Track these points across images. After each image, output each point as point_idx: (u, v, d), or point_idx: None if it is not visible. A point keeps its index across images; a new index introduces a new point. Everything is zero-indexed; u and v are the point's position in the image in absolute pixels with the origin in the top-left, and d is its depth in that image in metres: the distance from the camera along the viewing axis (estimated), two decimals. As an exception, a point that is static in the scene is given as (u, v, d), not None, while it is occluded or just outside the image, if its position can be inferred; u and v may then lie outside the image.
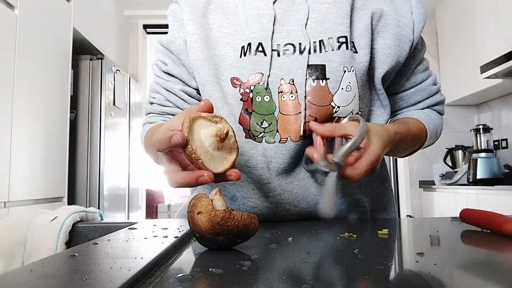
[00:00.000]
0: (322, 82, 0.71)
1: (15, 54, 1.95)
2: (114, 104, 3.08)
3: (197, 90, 0.81)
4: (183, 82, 0.81)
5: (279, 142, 0.72)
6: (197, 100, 0.82)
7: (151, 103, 0.84)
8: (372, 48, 0.75)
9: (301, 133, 0.71)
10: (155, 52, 0.85)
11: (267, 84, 0.71)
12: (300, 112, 0.71)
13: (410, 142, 0.80)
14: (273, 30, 0.73)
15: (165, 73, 0.82)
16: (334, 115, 0.71)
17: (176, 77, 0.81)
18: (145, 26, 4.22)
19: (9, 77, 1.90)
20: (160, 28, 4.20)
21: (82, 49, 2.99)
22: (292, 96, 0.71)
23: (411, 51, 0.78)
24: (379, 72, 0.76)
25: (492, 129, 3.32)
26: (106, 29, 3.40)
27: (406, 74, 0.83)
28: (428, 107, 0.87)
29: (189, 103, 0.81)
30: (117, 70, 3.15)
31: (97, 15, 3.21)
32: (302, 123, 0.70)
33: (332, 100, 0.71)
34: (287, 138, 0.72)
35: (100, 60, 2.91)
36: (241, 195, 0.78)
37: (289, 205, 0.76)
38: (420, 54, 0.83)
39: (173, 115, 0.82)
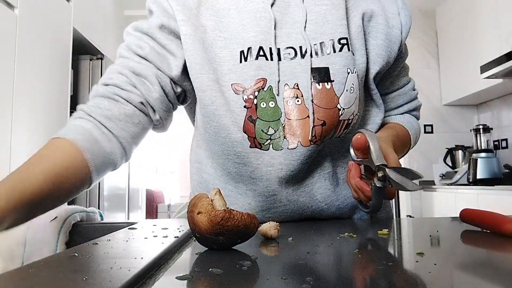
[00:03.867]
0: (328, 84, 0.70)
1: (15, 54, 1.95)
2: (114, 104, 3.08)
3: (172, 81, 0.73)
4: (159, 69, 0.72)
5: (288, 148, 0.70)
6: (166, 92, 0.73)
7: (106, 85, 0.71)
8: (366, 49, 0.75)
9: (310, 138, 0.69)
10: (125, 36, 0.75)
11: (278, 89, 0.69)
12: (308, 117, 0.69)
13: (400, 145, 0.81)
14: (275, 34, 0.71)
15: (139, 56, 0.72)
16: (340, 118, 0.71)
17: (151, 63, 0.72)
18: (145, 26, 4.21)
19: (9, 77, 1.90)
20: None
21: (82, 49, 2.98)
22: (298, 101, 0.69)
23: (399, 53, 0.79)
24: (371, 73, 0.76)
25: (492, 129, 3.32)
26: (106, 29, 3.40)
27: (391, 76, 0.83)
28: (407, 112, 0.89)
29: (155, 90, 0.71)
30: (117, 70, 3.14)
31: (97, 15, 3.21)
32: (311, 128, 0.69)
33: (338, 102, 0.70)
34: (297, 143, 0.70)
35: (100, 60, 2.91)
36: (241, 201, 0.76)
37: (294, 213, 0.75)
38: (404, 57, 0.84)
39: (127, 101, 0.70)
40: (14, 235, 0.72)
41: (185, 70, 0.74)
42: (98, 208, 2.53)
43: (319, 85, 0.70)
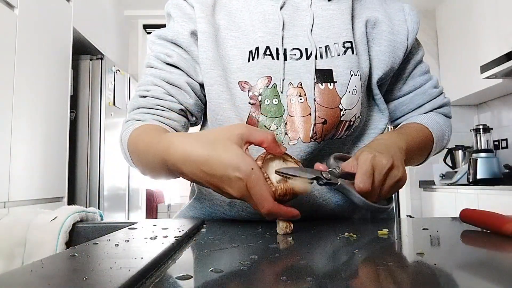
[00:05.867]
0: (330, 85, 0.72)
1: (15, 54, 1.95)
2: (114, 104, 3.08)
3: (201, 85, 0.78)
4: (189, 75, 0.76)
5: (289, 144, 0.72)
6: (198, 96, 0.78)
7: (144, 97, 0.76)
8: (368, 55, 0.77)
9: (311, 135, 0.71)
10: (150, 45, 0.79)
11: (282, 87, 0.72)
12: (309, 114, 0.71)
13: (416, 144, 0.78)
14: (282, 35, 0.73)
15: (169, 65, 0.76)
16: (342, 118, 0.72)
17: (182, 70, 0.76)
18: (145, 26, 4.22)
19: (9, 77, 1.90)
20: (160, 28, 4.19)
21: (82, 49, 2.99)
22: (301, 99, 0.71)
23: (405, 56, 0.80)
24: (374, 78, 0.77)
25: (492, 129, 3.33)
26: (106, 29, 3.40)
27: (402, 78, 0.84)
28: (431, 111, 0.88)
29: (190, 97, 0.76)
30: (117, 70, 3.14)
31: (97, 15, 3.21)
32: (312, 125, 0.71)
33: (340, 103, 0.72)
34: (297, 139, 0.72)
35: (100, 60, 2.91)
36: (239, 201, 0.77)
37: (292, 207, 0.75)
38: (415, 57, 0.84)
39: (169, 109, 0.75)
40: (14, 235, 0.72)
41: None
42: (98, 208, 2.53)
43: (322, 85, 0.72)
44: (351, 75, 0.72)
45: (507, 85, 3.06)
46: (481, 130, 3.30)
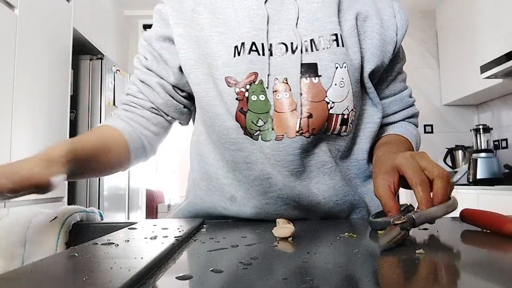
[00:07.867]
0: (315, 79, 0.72)
1: (15, 54, 1.95)
2: (114, 104, 3.08)
3: (175, 86, 0.82)
4: (160, 77, 0.82)
5: (275, 139, 0.72)
6: (172, 96, 0.83)
7: (127, 94, 0.86)
8: (361, 48, 0.77)
9: (297, 129, 0.71)
10: (139, 47, 0.87)
11: (268, 83, 0.72)
12: (295, 109, 0.72)
13: None
14: (267, 29, 0.74)
15: (144, 67, 0.84)
16: (331, 111, 0.72)
17: (153, 72, 0.82)
18: (145, 26, 4.21)
19: (9, 77, 1.90)
20: (160, 28, 4.19)
21: (82, 49, 2.98)
22: (286, 94, 0.72)
23: (394, 54, 0.81)
24: (366, 71, 0.78)
25: (492, 129, 3.33)
26: (106, 29, 3.40)
27: (387, 80, 0.85)
28: (403, 119, 0.89)
29: (160, 97, 0.82)
30: (117, 70, 3.14)
31: (97, 15, 3.21)
32: (299, 120, 0.71)
33: (326, 96, 0.72)
34: (283, 135, 0.72)
35: (100, 60, 2.91)
36: (240, 195, 0.78)
37: (290, 200, 0.76)
38: (401, 62, 0.86)
39: (140, 106, 0.83)
40: (14, 235, 0.72)
41: (182, 74, 0.80)
42: (98, 208, 2.52)
43: (307, 79, 0.72)
44: (336, 68, 0.73)
45: (507, 85, 3.06)
46: (481, 130, 3.30)
